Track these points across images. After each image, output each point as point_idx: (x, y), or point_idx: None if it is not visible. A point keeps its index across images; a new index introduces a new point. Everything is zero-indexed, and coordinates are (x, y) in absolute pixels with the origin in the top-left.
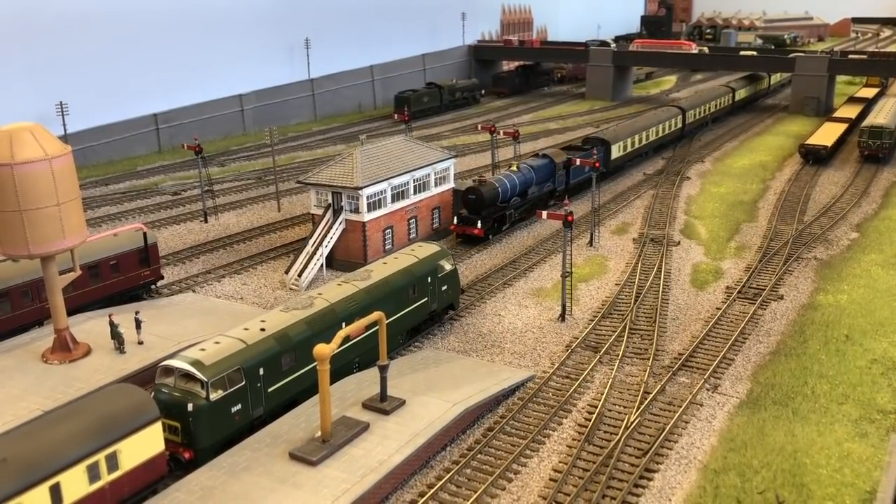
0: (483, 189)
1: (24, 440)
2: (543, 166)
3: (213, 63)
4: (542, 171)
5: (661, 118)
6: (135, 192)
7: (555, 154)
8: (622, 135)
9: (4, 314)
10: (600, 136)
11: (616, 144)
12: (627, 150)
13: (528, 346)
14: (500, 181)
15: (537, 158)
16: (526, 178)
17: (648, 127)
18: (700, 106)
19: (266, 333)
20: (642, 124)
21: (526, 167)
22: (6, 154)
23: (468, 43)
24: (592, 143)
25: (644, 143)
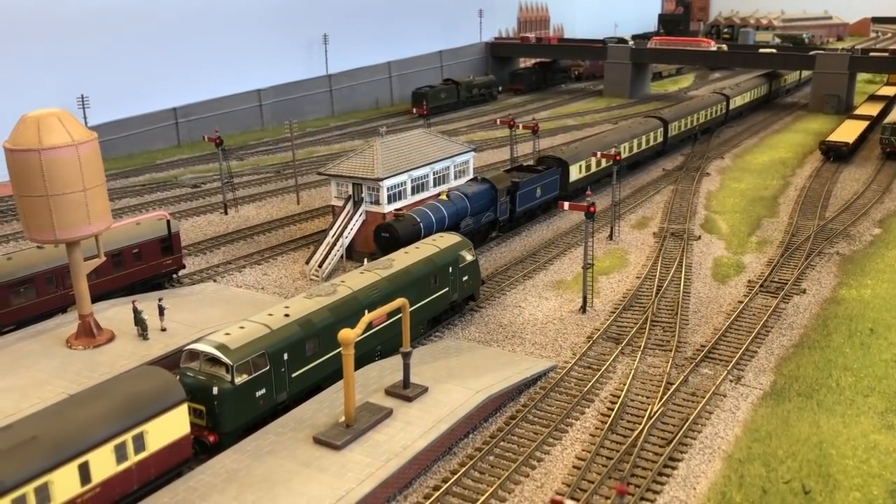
0: (398, 226)
1: (53, 419)
2: (481, 194)
3: (233, 58)
4: (479, 200)
5: (637, 131)
6: (154, 184)
7: (497, 179)
8: (584, 153)
9: (30, 300)
10: (557, 156)
11: (576, 165)
12: (591, 170)
13: (549, 337)
14: (423, 214)
15: (474, 183)
16: (458, 208)
17: (620, 142)
18: (686, 117)
19: (290, 319)
20: (613, 138)
21: (458, 195)
22: (33, 139)
23: (485, 40)
24: (547, 162)
25: None
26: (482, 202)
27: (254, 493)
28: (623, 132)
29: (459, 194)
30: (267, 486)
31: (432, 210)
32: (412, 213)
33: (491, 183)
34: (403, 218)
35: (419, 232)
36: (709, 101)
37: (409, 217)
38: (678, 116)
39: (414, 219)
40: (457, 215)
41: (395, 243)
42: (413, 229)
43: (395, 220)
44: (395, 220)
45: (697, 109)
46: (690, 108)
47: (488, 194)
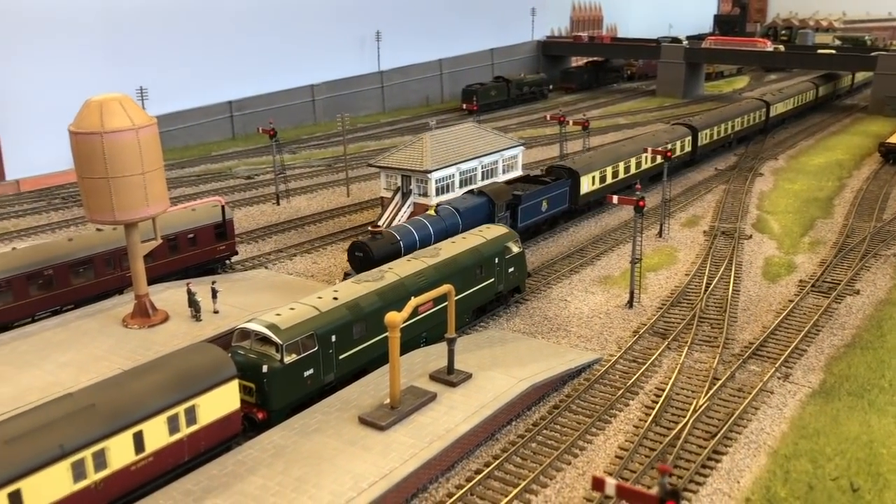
0: (373, 245)
1: (110, 390)
2: (475, 209)
3: (287, 53)
4: (473, 215)
5: (662, 140)
6: (209, 175)
7: (496, 191)
8: (598, 163)
9: (89, 281)
10: (567, 166)
11: (587, 176)
12: (606, 181)
13: (595, 331)
14: (405, 232)
15: (470, 197)
16: (447, 224)
17: (640, 153)
18: (719, 124)
19: (339, 302)
20: (634, 148)
21: (448, 210)
22: (96, 123)
23: (537, 38)
24: (556, 173)
25: (632, 171)
26: (477, 218)
27: (300, 469)
28: (647, 141)
29: (450, 209)
30: (313, 462)
31: (416, 227)
32: (393, 231)
33: (488, 196)
34: (381, 236)
35: (398, 251)
36: (746, 108)
37: (387, 235)
38: (710, 124)
39: (393, 237)
40: (445, 233)
41: (368, 263)
42: (391, 248)
43: (372, 239)
44: (371, 239)
45: (732, 116)
46: (724, 114)
47: (484, 209)
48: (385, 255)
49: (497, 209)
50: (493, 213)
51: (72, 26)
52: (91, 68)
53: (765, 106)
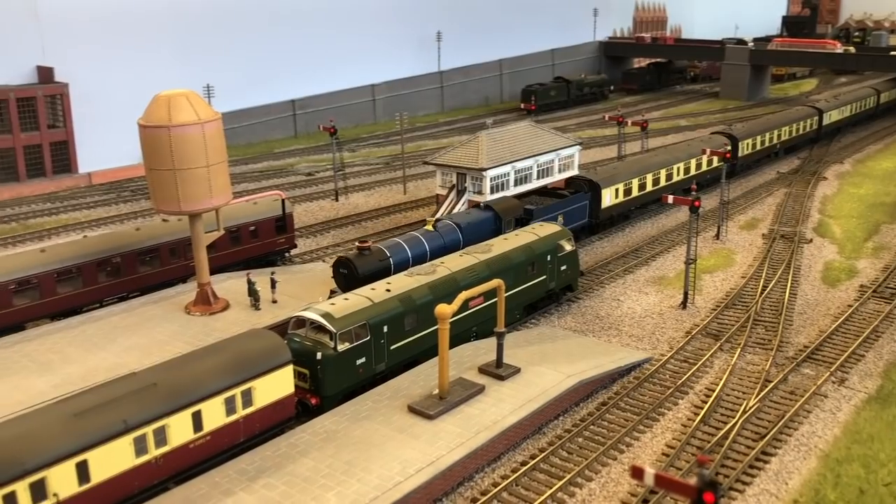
0: (359, 262)
1: (172, 370)
2: (479, 224)
3: (349, 53)
4: (476, 231)
5: (697, 151)
6: (271, 171)
7: (504, 206)
8: (622, 174)
9: (154, 269)
10: (588, 177)
11: (610, 188)
12: (632, 194)
13: (647, 331)
14: (397, 249)
15: (475, 211)
16: (446, 241)
17: (675, 162)
18: (763, 133)
19: (391, 294)
20: (665, 158)
21: (448, 226)
22: (164, 117)
23: (599, 39)
24: (576, 185)
25: (661, 184)
26: (481, 234)
27: (350, 453)
28: (680, 151)
29: (450, 225)
30: (363, 447)
31: (410, 243)
32: (382, 246)
33: (494, 211)
34: (369, 252)
35: (388, 268)
36: (796, 116)
37: (376, 251)
38: (753, 133)
39: (383, 253)
40: (444, 250)
41: (353, 281)
42: (379, 265)
43: (359, 255)
44: (357, 255)
45: (780, 125)
46: (771, 123)
47: (489, 225)
48: (372, 273)
49: (505, 225)
50: (500, 230)
51: (144, 26)
52: (161, 66)
53: (817, 113)
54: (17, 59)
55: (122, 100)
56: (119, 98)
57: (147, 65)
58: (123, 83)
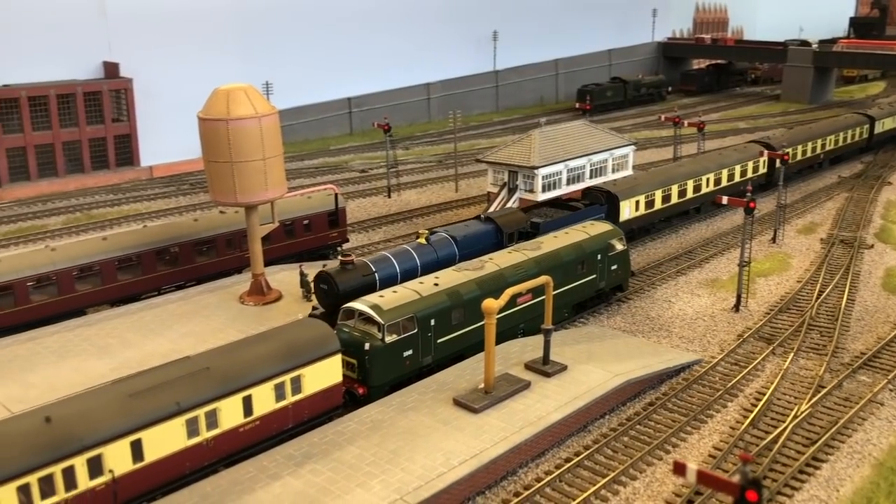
0: (340, 278)
1: (224, 356)
2: (478, 238)
3: (406, 52)
4: (474, 246)
5: (730, 161)
6: (326, 167)
7: (507, 219)
8: (644, 186)
9: (210, 259)
10: (605, 189)
11: (629, 200)
12: (654, 206)
13: (698, 333)
14: (384, 263)
15: (474, 224)
16: (439, 256)
17: (704, 172)
18: (804, 143)
19: (439, 288)
20: (693, 169)
21: (443, 239)
22: (223, 110)
23: (657, 40)
24: (592, 197)
25: (688, 196)
26: (480, 249)
27: (395, 443)
28: (710, 161)
29: (445, 238)
30: (408, 437)
31: (399, 258)
32: (368, 261)
33: (496, 224)
34: (353, 266)
35: (373, 284)
36: (844, 123)
37: (361, 266)
38: (794, 142)
39: (367, 268)
40: (436, 265)
41: (334, 298)
42: (363, 281)
43: (341, 270)
44: (339, 270)
45: (825, 133)
46: (815, 131)
47: (489, 239)
48: (354, 290)
49: (506, 239)
50: (502, 244)
51: (206, 23)
52: (222, 63)
53: (868, 121)
54: (85, 54)
55: (183, 95)
56: (180, 94)
57: (208, 62)
58: (185, 79)
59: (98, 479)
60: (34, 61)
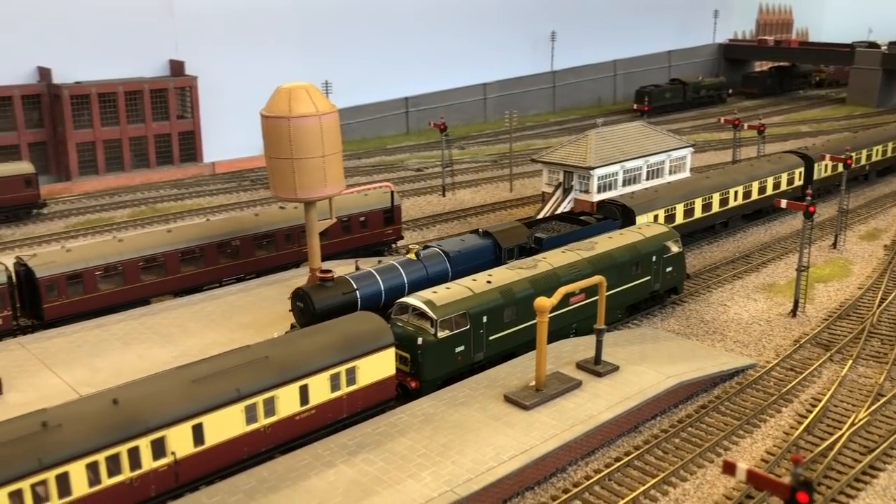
0: (318, 296)
1: (283, 345)
2: (473, 254)
3: (462, 52)
4: (469, 262)
5: (760, 172)
6: (382, 166)
7: (506, 233)
8: (664, 199)
9: (270, 253)
10: (621, 202)
11: (647, 215)
12: (675, 221)
13: (753, 337)
14: (367, 281)
15: (471, 238)
16: (430, 273)
17: (733, 185)
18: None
19: (491, 286)
20: (715, 182)
21: (435, 255)
22: (284, 108)
23: (718, 41)
24: (607, 210)
25: (713, 210)
26: (475, 265)
27: (446, 436)
28: (739, 173)
29: (438, 253)
30: (458, 431)
31: (385, 274)
32: (350, 278)
33: (494, 239)
34: (333, 283)
35: (353, 303)
36: (890, 134)
37: (341, 282)
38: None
39: (348, 285)
40: (426, 282)
41: (309, 318)
42: (343, 299)
43: (319, 287)
44: (317, 287)
45: (871, 143)
46: (861, 140)
47: (487, 254)
48: (332, 309)
49: (504, 255)
50: (501, 260)
51: (269, 24)
52: (284, 63)
53: None
54: (152, 52)
55: (245, 93)
56: (242, 92)
57: (270, 61)
58: (247, 78)
59: (161, 461)
60: (104, 59)
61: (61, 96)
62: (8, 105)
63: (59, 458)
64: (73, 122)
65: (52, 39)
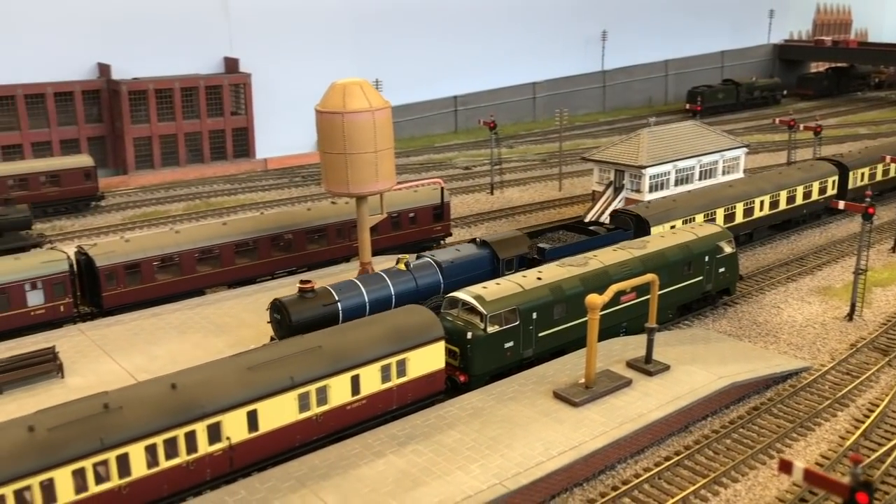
0: (295, 308)
1: (335, 336)
2: (469, 264)
3: (512, 51)
4: (463, 273)
5: (790, 181)
6: (431, 164)
7: (503, 242)
8: (682, 209)
9: (321, 247)
10: (635, 212)
11: (661, 226)
12: None
13: (807, 340)
14: (350, 292)
15: (466, 247)
16: (419, 285)
17: (759, 193)
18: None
19: (542, 283)
20: (739, 191)
21: (427, 266)
22: (339, 103)
23: (773, 42)
24: (620, 220)
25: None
26: (470, 277)
27: (494, 430)
28: (766, 182)
29: (430, 263)
30: (507, 425)
31: (370, 286)
32: (332, 289)
33: (491, 248)
34: (314, 294)
35: (334, 315)
36: None
37: (322, 294)
38: (873, 160)
39: (329, 297)
40: (415, 294)
41: (286, 331)
42: (322, 311)
43: (297, 298)
44: (296, 299)
45: None
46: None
47: (483, 265)
48: (311, 321)
49: (502, 266)
50: (498, 271)
51: (322, 23)
52: (335, 61)
53: None
54: (207, 50)
55: (297, 91)
56: (295, 90)
57: (323, 59)
58: (300, 76)
59: (216, 445)
60: (161, 56)
61: (120, 92)
62: (69, 100)
63: (120, 439)
64: (130, 118)
65: (111, 36)
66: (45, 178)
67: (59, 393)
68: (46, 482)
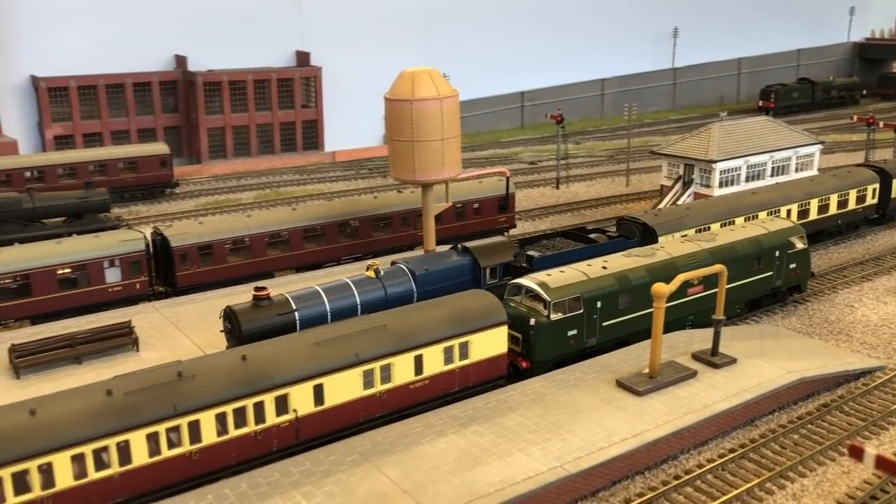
0: (245, 317)
1: (400, 316)
2: (445, 272)
3: (581, 47)
4: (439, 282)
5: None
6: (496, 159)
7: (484, 250)
8: (695, 218)
9: (386, 234)
10: (641, 220)
11: (669, 236)
12: None
13: (882, 340)
14: (308, 299)
15: (445, 254)
16: (389, 294)
17: (785, 202)
18: None
19: (607, 272)
20: (763, 199)
21: (399, 273)
22: (407, 91)
23: (853, 40)
24: (626, 228)
25: None
26: (447, 287)
27: (556, 415)
28: (794, 189)
29: (402, 270)
30: (569, 411)
31: (333, 294)
32: (290, 297)
33: (472, 256)
34: (269, 302)
35: (290, 325)
36: None
37: (279, 302)
38: None
39: (286, 305)
40: (383, 303)
41: (237, 340)
42: (277, 321)
43: (251, 307)
44: (248, 307)
45: None
46: None
47: (462, 274)
48: (263, 331)
49: (484, 275)
50: (480, 281)
51: (392, 19)
52: (403, 56)
53: None
54: (280, 44)
55: (366, 85)
56: (364, 84)
57: (391, 55)
58: (368, 70)
59: (283, 417)
60: (235, 49)
61: (195, 83)
62: (147, 91)
63: (192, 405)
64: (205, 108)
65: (188, 29)
66: (124, 165)
67: (134, 365)
68: (123, 443)
